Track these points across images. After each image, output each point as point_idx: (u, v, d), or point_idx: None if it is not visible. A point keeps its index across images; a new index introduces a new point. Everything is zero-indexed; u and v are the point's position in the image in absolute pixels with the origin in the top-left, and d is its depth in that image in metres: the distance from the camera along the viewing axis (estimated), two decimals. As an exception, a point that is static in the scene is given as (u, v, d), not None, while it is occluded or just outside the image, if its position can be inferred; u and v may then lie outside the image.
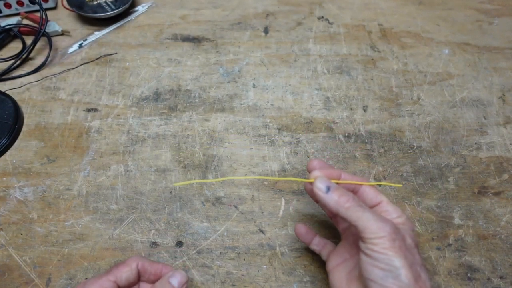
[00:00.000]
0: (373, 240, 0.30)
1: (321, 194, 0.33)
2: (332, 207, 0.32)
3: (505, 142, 0.53)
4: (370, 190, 0.36)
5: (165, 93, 0.57)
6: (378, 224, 0.30)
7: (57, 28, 0.63)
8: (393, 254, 0.29)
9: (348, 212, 0.31)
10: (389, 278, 0.29)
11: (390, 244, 0.29)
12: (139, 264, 0.35)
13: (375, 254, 0.30)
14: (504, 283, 0.42)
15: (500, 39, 0.65)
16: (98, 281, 0.33)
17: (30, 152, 0.51)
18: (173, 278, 0.34)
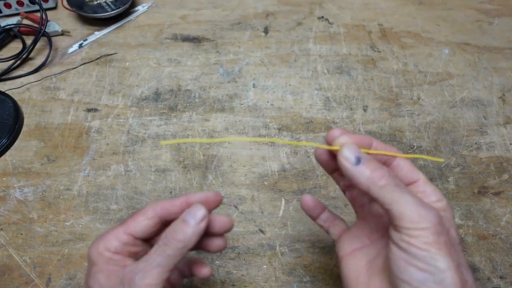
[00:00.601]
0: (412, 231, 0.24)
1: (349, 167, 0.26)
2: (362, 183, 0.26)
3: (505, 142, 0.53)
4: (405, 165, 0.29)
5: (165, 93, 0.57)
6: (421, 211, 0.24)
7: (57, 28, 0.63)
8: (437, 252, 0.23)
9: (382, 192, 0.25)
10: (430, 283, 0.23)
11: (435, 238, 0.23)
12: (158, 209, 0.29)
13: (413, 249, 0.23)
14: (504, 283, 0.42)
15: (500, 39, 0.65)
16: (112, 234, 0.29)
17: (30, 152, 0.51)
18: (188, 215, 0.28)
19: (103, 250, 0.28)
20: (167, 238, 0.28)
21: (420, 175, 0.29)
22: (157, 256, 0.27)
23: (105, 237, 0.29)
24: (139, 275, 0.26)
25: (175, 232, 0.28)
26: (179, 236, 0.27)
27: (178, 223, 0.28)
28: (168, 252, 0.27)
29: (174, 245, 0.27)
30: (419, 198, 0.25)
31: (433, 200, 0.27)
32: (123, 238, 0.28)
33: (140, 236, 0.29)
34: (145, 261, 0.27)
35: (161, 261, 0.27)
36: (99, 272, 0.27)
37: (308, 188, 0.48)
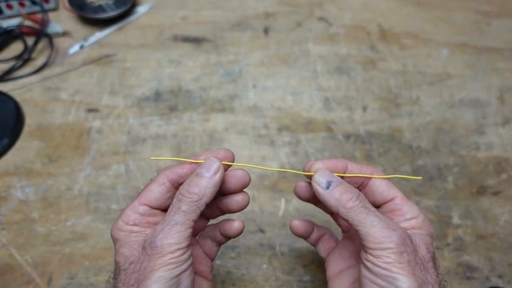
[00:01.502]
0: (375, 251, 0.25)
1: (320, 190, 0.28)
2: (332, 205, 0.27)
3: (504, 142, 0.53)
4: (382, 184, 0.30)
5: (165, 94, 0.57)
6: (384, 232, 0.25)
7: (58, 29, 0.63)
8: (398, 271, 0.24)
9: (350, 214, 0.27)
10: None
11: (396, 258, 0.24)
12: (168, 174, 0.29)
13: (376, 269, 0.25)
14: (502, 282, 0.42)
15: (499, 40, 0.65)
16: (128, 208, 0.29)
17: (32, 152, 0.51)
18: (201, 169, 0.28)
19: (123, 225, 0.28)
20: (181, 194, 0.27)
21: (396, 193, 0.30)
22: (174, 215, 0.26)
23: (122, 213, 0.29)
24: (159, 236, 0.26)
25: (189, 186, 0.27)
26: (193, 189, 0.27)
27: (192, 177, 0.28)
28: (184, 208, 0.27)
29: (188, 199, 0.27)
30: (386, 219, 0.26)
31: (408, 217, 0.29)
32: (139, 209, 0.29)
33: (155, 204, 0.29)
34: (163, 222, 0.27)
35: (178, 219, 0.26)
36: (122, 246, 0.27)
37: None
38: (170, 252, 0.25)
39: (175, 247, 0.25)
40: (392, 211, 0.29)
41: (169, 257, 0.25)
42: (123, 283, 0.26)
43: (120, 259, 0.27)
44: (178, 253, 0.25)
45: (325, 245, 0.35)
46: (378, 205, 0.30)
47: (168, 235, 0.26)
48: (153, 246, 0.26)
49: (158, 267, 0.25)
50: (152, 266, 0.25)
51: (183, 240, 0.26)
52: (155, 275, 0.24)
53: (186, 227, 0.26)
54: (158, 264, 0.25)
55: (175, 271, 0.25)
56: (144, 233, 0.28)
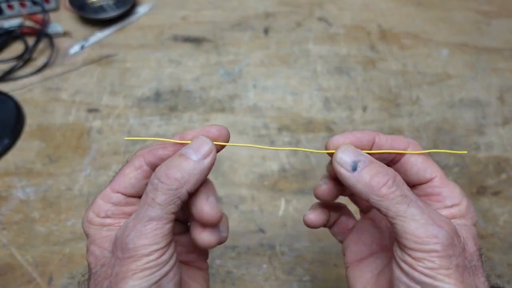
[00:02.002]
0: (416, 253, 0.20)
1: (345, 173, 0.22)
2: (361, 192, 0.22)
3: (503, 142, 0.53)
4: (418, 160, 0.24)
5: (165, 94, 0.57)
6: (428, 230, 0.20)
7: (59, 29, 0.63)
8: (443, 279, 0.20)
9: (385, 203, 0.21)
10: None
11: (443, 263, 0.20)
12: (146, 156, 0.24)
13: (415, 274, 0.20)
14: (502, 282, 0.42)
15: (499, 40, 0.65)
16: (100, 196, 0.24)
17: (32, 152, 0.51)
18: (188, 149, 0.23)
19: (93, 217, 0.23)
20: (157, 178, 0.21)
21: (436, 172, 0.24)
22: (147, 208, 0.21)
23: (93, 202, 0.24)
24: (130, 236, 0.21)
25: (168, 169, 0.21)
26: (174, 173, 0.21)
27: (173, 158, 0.22)
28: (159, 198, 0.21)
29: (166, 187, 0.21)
30: (430, 211, 0.21)
31: (449, 204, 0.23)
32: (112, 198, 0.23)
33: (131, 192, 0.23)
34: (135, 217, 0.21)
35: (153, 213, 0.21)
36: (92, 243, 0.23)
37: (308, 188, 0.49)
38: (145, 255, 0.20)
39: (151, 248, 0.20)
40: (428, 195, 0.24)
41: (145, 260, 0.20)
42: None
43: (90, 260, 0.23)
44: (155, 255, 0.20)
45: (342, 227, 0.29)
46: (411, 187, 0.24)
47: (141, 234, 0.20)
48: (125, 248, 0.21)
49: (132, 274, 0.20)
50: (124, 273, 0.20)
51: (160, 239, 0.21)
52: (128, 284, 0.20)
53: (163, 223, 0.21)
54: (132, 270, 0.20)
55: (152, 277, 0.20)
56: (118, 226, 0.23)
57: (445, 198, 0.23)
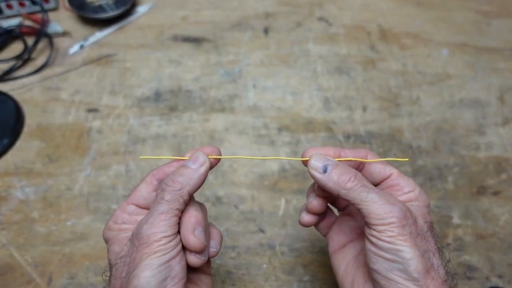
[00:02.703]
0: (379, 226, 0.26)
1: (318, 175, 0.29)
2: (331, 189, 0.28)
3: (503, 142, 0.53)
4: (377, 163, 0.32)
5: (165, 94, 0.57)
6: (385, 208, 0.26)
7: (58, 29, 0.63)
8: (401, 243, 0.26)
9: (351, 194, 0.27)
10: (395, 271, 0.26)
11: (399, 231, 0.26)
12: (155, 174, 0.30)
13: (380, 243, 0.26)
14: (502, 282, 0.42)
15: (499, 40, 0.65)
16: (118, 209, 0.30)
17: (32, 152, 0.51)
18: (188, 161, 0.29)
19: (112, 225, 0.29)
20: (165, 183, 0.28)
21: (392, 170, 0.31)
22: (157, 205, 0.27)
23: (113, 214, 0.30)
24: (144, 227, 0.26)
25: (174, 176, 0.28)
26: (177, 178, 0.28)
27: (177, 169, 0.29)
28: (167, 197, 0.27)
29: (171, 188, 0.27)
30: (385, 195, 0.27)
31: (406, 191, 0.30)
32: (127, 208, 0.29)
33: (142, 203, 0.30)
34: (148, 214, 0.27)
35: (162, 208, 0.27)
36: (113, 244, 0.28)
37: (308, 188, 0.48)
38: (155, 240, 0.26)
39: (160, 235, 0.26)
40: (390, 187, 0.31)
41: (156, 245, 0.26)
42: (115, 277, 0.26)
43: (111, 256, 0.28)
44: (164, 241, 0.26)
45: (326, 222, 0.35)
46: (376, 183, 0.32)
47: (152, 225, 0.26)
48: (140, 237, 0.26)
49: (146, 256, 0.25)
50: (140, 256, 0.25)
51: (167, 229, 0.26)
52: (142, 264, 0.25)
53: (170, 216, 0.27)
54: (146, 253, 0.25)
55: (163, 258, 0.26)
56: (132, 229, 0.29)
57: (402, 187, 0.30)
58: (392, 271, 0.26)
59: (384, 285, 0.26)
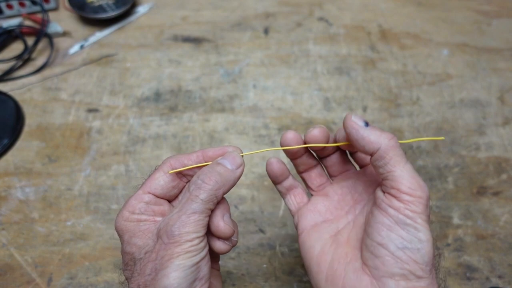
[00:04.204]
0: (406, 196, 0.24)
1: (359, 128, 0.26)
2: (372, 141, 0.26)
3: (504, 143, 0.53)
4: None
5: (165, 94, 0.57)
6: (419, 181, 0.25)
7: (58, 29, 0.63)
8: (421, 223, 0.24)
9: (390, 153, 0.25)
10: (407, 250, 0.24)
11: (423, 210, 0.24)
12: (173, 163, 0.29)
13: (400, 216, 0.24)
14: (502, 283, 0.42)
15: (499, 40, 0.65)
16: (133, 198, 0.28)
17: (32, 152, 0.51)
18: (225, 160, 0.28)
19: (129, 215, 0.27)
20: (199, 180, 0.26)
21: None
22: (191, 203, 0.26)
23: (127, 203, 0.28)
24: (176, 225, 0.25)
25: (210, 173, 0.27)
26: (215, 177, 0.26)
27: (213, 166, 0.27)
28: (202, 196, 0.26)
29: (208, 187, 0.26)
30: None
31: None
32: (144, 198, 0.28)
33: (160, 193, 0.28)
34: (179, 210, 0.26)
35: (196, 207, 0.25)
36: (134, 236, 0.27)
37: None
38: (188, 240, 0.25)
39: (193, 235, 0.25)
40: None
41: (188, 245, 0.25)
42: (139, 273, 0.25)
43: (133, 249, 0.26)
44: (196, 241, 0.25)
45: (297, 198, 0.33)
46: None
47: (185, 224, 0.25)
48: (170, 235, 0.25)
49: (177, 255, 0.24)
50: (170, 255, 0.24)
51: (200, 229, 0.25)
52: (174, 263, 0.24)
53: (204, 216, 0.26)
54: (177, 252, 0.24)
55: (194, 258, 0.25)
56: (153, 221, 0.27)
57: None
58: (403, 249, 0.24)
59: (387, 262, 0.24)
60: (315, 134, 0.31)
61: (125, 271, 0.27)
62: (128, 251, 0.27)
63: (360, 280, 0.25)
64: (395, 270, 0.24)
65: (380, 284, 0.24)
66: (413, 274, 0.24)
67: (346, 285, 0.26)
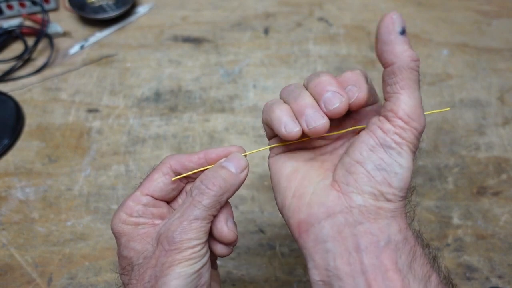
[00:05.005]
0: (400, 122, 0.23)
1: (391, 32, 0.24)
2: (397, 51, 0.24)
3: (504, 143, 0.53)
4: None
5: (165, 94, 0.57)
6: (421, 115, 0.24)
7: (58, 29, 0.63)
8: (406, 151, 0.23)
9: (408, 71, 0.24)
10: (384, 171, 0.23)
11: (413, 139, 0.23)
12: (173, 165, 0.27)
13: (387, 140, 0.23)
14: (502, 283, 0.42)
15: (499, 40, 0.65)
16: (130, 199, 0.27)
17: (32, 152, 0.51)
18: (228, 162, 0.27)
19: (127, 217, 0.26)
20: (203, 185, 0.25)
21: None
22: (194, 209, 0.25)
23: (123, 205, 0.27)
24: (177, 231, 0.24)
25: (214, 178, 0.26)
26: (219, 182, 0.26)
27: (216, 169, 0.26)
28: (205, 201, 0.25)
29: (212, 193, 0.25)
30: None
31: None
32: (142, 200, 0.27)
33: (158, 195, 0.27)
34: (180, 216, 0.25)
35: (199, 214, 0.25)
36: (132, 240, 0.26)
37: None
38: (190, 247, 0.24)
39: (194, 242, 0.24)
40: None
41: (190, 252, 0.24)
42: (138, 280, 0.24)
43: (131, 254, 0.25)
44: (198, 248, 0.24)
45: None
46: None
47: (187, 230, 0.24)
48: (171, 242, 0.24)
49: (178, 263, 0.24)
50: (171, 262, 0.24)
51: (202, 235, 0.25)
52: (175, 271, 0.23)
53: (206, 222, 0.25)
54: (178, 259, 0.24)
55: (195, 265, 0.24)
56: (152, 224, 0.26)
57: None
58: (380, 170, 0.23)
59: (360, 179, 0.23)
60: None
61: (122, 275, 0.26)
62: (125, 255, 0.26)
63: (327, 194, 0.24)
64: (366, 188, 0.23)
65: (347, 198, 0.23)
66: (383, 195, 0.23)
67: (312, 200, 0.25)
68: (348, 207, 0.23)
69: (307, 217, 0.24)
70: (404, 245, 0.23)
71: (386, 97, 0.25)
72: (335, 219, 0.23)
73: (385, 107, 0.25)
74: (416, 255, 0.23)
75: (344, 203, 0.23)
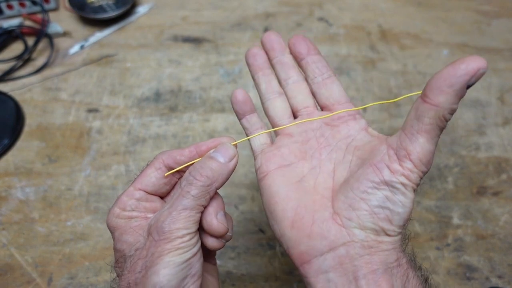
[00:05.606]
0: (410, 165, 0.24)
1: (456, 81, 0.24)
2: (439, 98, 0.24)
3: (504, 143, 0.53)
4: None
5: (165, 94, 0.57)
6: (431, 159, 0.24)
7: (58, 29, 0.63)
8: (411, 191, 0.24)
9: (434, 120, 0.24)
10: (387, 210, 0.24)
11: (418, 181, 0.24)
12: (165, 159, 0.28)
13: (394, 179, 0.24)
14: (502, 283, 0.42)
15: (499, 40, 0.65)
16: (124, 194, 0.27)
17: (32, 152, 0.51)
18: (216, 153, 0.27)
19: (120, 212, 0.27)
20: (191, 176, 0.26)
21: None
22: (182, 199, 0.25)
23: (118, 200, 0.27)
24: (166, 222, 0.25)
25: (202, 169, 0.26)
26: (206, 172, 0.26)
27: (204, 160, 0.27)
28: (193, 192, 0.25)
29: (199, 183, 0.26)
30: None
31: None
32: (135, 194, 0.27)
33: (151, 190, 0.28)
34: (170, 206, 0.25)
35: (187, 203, 0.25)
36: (124, 233, 0.26)
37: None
38: (178, 236, 0.24)
39: (183, 231, 0.24)
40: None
41: (178, 241, 0.24)
42: (129, 271, 0.25)
43: (124, 247, 0.26)
44: (187, 237, 0.25)
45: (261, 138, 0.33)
46: None
47: (176, 220, 0.25)
48: (161, 232, 0.24)
49: (167, 252, 0.24)
50: (160, 252, 0.24)
51: (191, 225, 0.25)
52: (164, 260, 0.24)
53: (195, 212, 0.25)
54: (167, 249, 0.24)
55: (185, 255, 0.24)
56: (144, 218, 0.27)
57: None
58: (383, 208, 0.24)
59: (363, 216, 0.24)
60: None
61: (116, 268, 0.27)
62: (118, 248, 0.26)
63: (329, 228, 0.25)
64: (368, 224, 0.24)
65: (349, 233, 0.24)
66: (384, 231, 0.24)
67: (313, 232, 0.25)
68: (349, 241, 0.24)
69: (308, 250, 0.25)
70: (398, 270, 0.24)
71: (407, 128, 0.25)
72: (337, 251, 0.24)
73: (400, 140, 0.25)
74: (409, 277, 0.24)
75: (346, 237, 0.24)
